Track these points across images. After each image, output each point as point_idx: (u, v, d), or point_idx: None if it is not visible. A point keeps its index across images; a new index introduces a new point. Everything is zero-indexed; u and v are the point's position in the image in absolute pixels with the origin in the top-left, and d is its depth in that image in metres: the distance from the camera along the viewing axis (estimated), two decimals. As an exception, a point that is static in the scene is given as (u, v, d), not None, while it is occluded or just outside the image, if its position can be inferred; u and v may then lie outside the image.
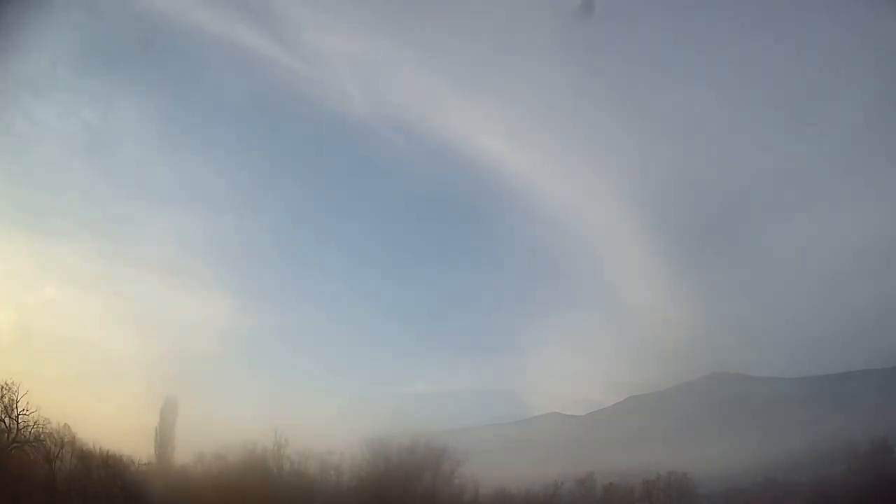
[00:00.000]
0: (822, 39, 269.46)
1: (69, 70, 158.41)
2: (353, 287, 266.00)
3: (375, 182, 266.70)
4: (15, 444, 55.56)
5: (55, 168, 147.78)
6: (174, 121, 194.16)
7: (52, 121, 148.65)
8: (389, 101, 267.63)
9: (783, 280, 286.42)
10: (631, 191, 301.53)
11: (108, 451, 62.00)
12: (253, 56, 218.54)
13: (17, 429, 56.30)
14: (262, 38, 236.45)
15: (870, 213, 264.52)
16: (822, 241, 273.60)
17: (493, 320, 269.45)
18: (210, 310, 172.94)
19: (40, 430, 58.21)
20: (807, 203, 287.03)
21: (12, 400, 56.44)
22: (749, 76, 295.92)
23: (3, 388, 56.49)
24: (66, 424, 62.45)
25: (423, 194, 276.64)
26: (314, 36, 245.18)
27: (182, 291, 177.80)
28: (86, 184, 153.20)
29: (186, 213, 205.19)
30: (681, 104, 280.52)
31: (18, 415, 56.50)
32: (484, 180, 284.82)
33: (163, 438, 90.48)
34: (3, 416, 56.31)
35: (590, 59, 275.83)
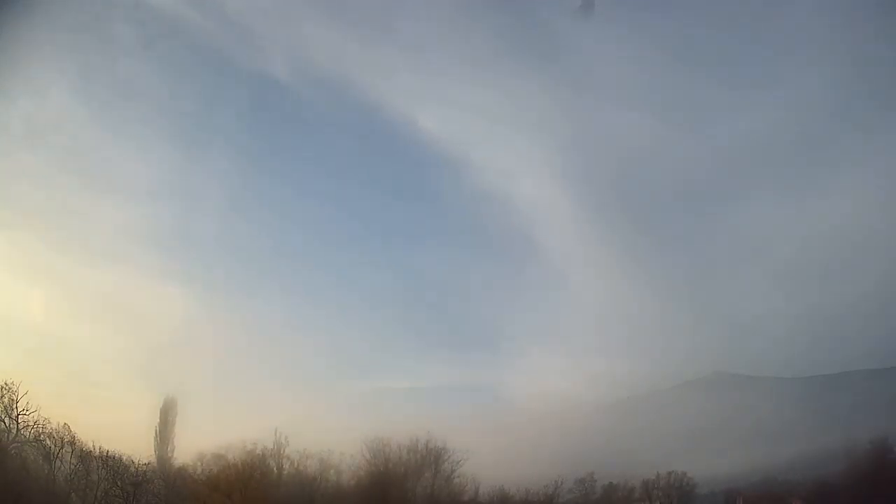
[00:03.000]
0: (782, 5, 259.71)
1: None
2: (319, 267, 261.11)
3: (306, 145, 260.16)
4: (15, 444, 55.45)
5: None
6: (106, 103, 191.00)
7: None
8: (312, 61, 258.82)
9: (742, 269, 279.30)
10: (575, 168, 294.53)
11: (108, 451, 61.98)
12: (169, 22, 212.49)
13: (17, 429, 56.19)
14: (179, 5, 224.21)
15: (843, 194, 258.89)
16: (788, 225, 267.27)
17: (479, 312, 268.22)
18: (170, 301, 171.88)
19: (40, 430, 58.14)
20: (771, 184, 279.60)
21: (12, 400, 56.35)
22: (703, 44, 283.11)
23: (2, 388, 56.41)
24: (65, 424, 62.51)
25: (361, 163, 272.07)
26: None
27: (141, 283, 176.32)
28: (29, 174, 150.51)
29: (130, 200, 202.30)
30: (624, 74, 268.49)
31: (18, 415, 56.38)
32: (419, 146, 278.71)
33: (163, 438, 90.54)
34: (2, 417, 56.20)
35: (528, 32, 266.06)
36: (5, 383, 56.51)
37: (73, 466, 59.34)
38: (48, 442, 58.73)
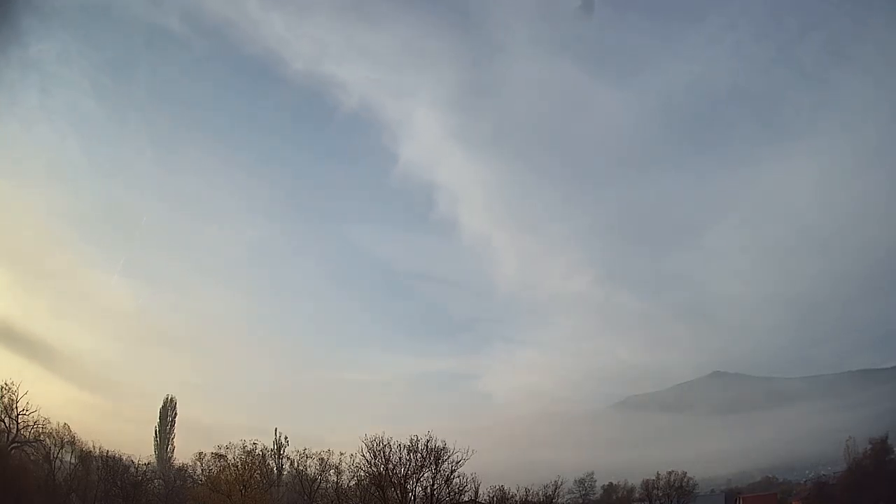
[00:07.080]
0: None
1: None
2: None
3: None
4: (15, 444, 55.41)
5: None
6: (15, 87, 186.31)
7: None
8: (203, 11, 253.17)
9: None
10: (487, 135, 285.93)
11: (108, 451, 62.02)
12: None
13: (17, 429, 56.16)
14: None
15: (796, 162, 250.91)
16: (737, 196, 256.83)
17: (442, 299, 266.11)
18: (122, 292, 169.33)
19: (40, 430, 58.12)
20: (717, 146, 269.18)
21: (12, 400, 56.31)
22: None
23: (2, 388, 56.39)
24: (65, 424, 62.58)
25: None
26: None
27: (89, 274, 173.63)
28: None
29: (56, 183, 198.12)
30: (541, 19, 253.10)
31: (18, 415, 56.33)
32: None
33: (163, 438, 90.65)
34: (2, 417, 56.16)
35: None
36: (5, 383, 56.58)
37: (73, 466, 59.36)
38: (48, 442, 58.76)
